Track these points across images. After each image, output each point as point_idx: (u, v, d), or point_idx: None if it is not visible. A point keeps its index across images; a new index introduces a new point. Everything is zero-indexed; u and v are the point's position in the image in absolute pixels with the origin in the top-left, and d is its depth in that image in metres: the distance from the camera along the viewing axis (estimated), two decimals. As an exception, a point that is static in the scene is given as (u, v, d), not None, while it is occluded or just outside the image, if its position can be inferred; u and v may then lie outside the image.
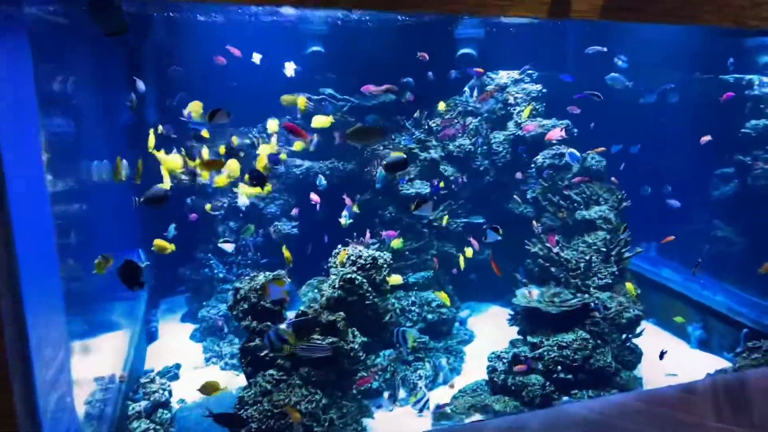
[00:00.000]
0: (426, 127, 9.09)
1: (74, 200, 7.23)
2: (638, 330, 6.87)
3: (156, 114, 9.23)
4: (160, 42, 8.90)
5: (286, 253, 6.42)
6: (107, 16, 3.19)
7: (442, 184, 8.55)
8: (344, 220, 5.96)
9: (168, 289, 9.81)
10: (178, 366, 7.39)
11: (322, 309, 5.49)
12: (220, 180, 6.69)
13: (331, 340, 5.33)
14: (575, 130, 8.68)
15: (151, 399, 6.11)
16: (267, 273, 5.86)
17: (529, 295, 6.85)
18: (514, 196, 8.77)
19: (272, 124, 7.44)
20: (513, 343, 7.02)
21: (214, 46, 8.48)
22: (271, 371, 5.37)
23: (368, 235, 7.24)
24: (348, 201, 7.01)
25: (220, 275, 8.76)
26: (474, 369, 7.48)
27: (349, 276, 5.65)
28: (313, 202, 7.59)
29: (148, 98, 7.59)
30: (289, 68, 7.15)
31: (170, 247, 5.89)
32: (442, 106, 8.06)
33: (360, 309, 5.77)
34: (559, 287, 7.15)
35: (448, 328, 7.86)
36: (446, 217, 7.99)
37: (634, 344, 6.89)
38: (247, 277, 5.97)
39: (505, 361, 6.58)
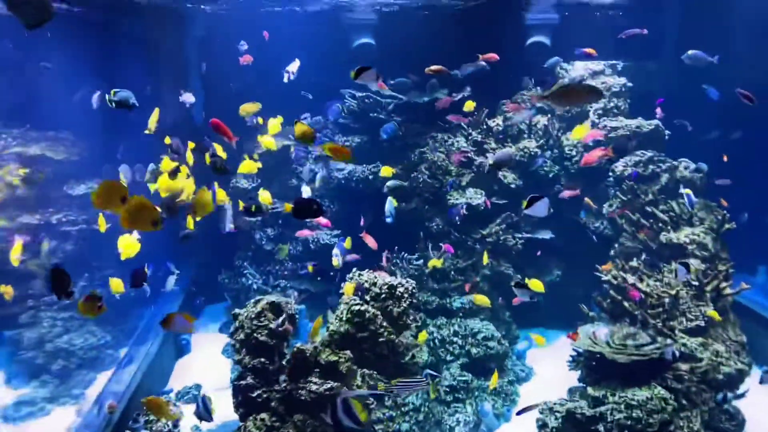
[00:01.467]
0: (485, 126, 7.92)
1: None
2: (741, 390, 5.36)
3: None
4: (189, 38, 8.47)
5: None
6: (26, 7, 2.62)
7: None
8: (337, 261, 5.04)
9: (211, 296, 9.44)
10: (198, 387, 6.85)
11: (323, 346, 4.61)
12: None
13: (329, 385, 4.44)
14: (667, 133, 7.15)
15: (153, 429, 5.56)
16: (272, 297, 5.07)
17: (594, 336, 5.55)
18: (586, 200, 7.31)
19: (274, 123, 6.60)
20: (572, 393, 5.77)
21: (249, 41, 7.90)
22: (263, 415, 4.58)
23: (385, 258, 6.26)
24: (369, 240, 6.03)
25: (255, 286, 8.17)
26: (528, 415, 6.28)
27: (357, 308, 4.73)
28: (321, 226, 6.67)
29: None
30: (292, 68, 6.31)
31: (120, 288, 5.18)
32: (470, 105, 6.88)
33: (372, 347, 4.83)
34: (635, 327, 5.77)
35: (498, 365, 6.69)
36: (485, 255, 6.79)
37: (735, 407, 5.39)
38: (251, 301, 5.22)
39: (558, 416, 5.35)
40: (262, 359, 4.70)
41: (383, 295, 4.89)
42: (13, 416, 6.26)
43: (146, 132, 5.62)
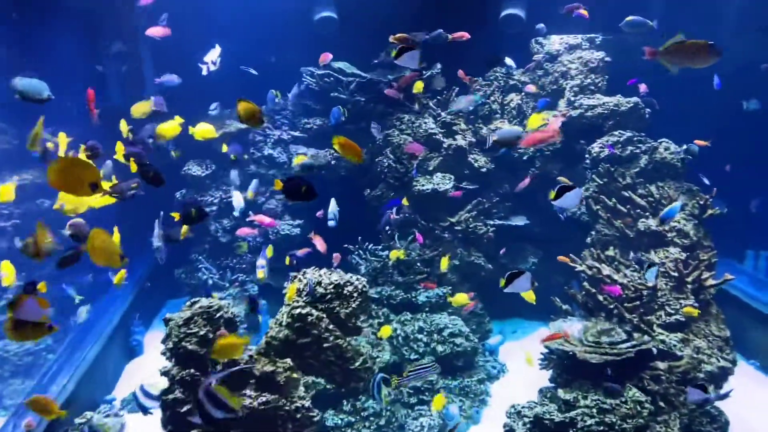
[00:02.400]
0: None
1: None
2: (724, 390, 4.94)
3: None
4: (134, 8, 7.79)
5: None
6: None
7: None
8: (262, 273, 4.49)
9: (173, 291, 8.88)
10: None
11: (259, 355, 4.12)
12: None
13: (265, 399, 3.96)
14: (647, 111, 6.65)
15: (82, 447, 5.07)
16: (205, 301, 4.55)
17: (565, 334, 5.09)
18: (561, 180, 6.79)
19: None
20: (542, 394, 5.33)
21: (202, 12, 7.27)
22: (193, 433, 4.10)
23: (337, 257, 5.74)
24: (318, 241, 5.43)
25: (210, 282, 7.64)
26: (498, 418, 5.87)
27: (298, 311, 4.23)
28: (247, 237, 5.99)
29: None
30: (211, 57, 5.63)
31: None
32: (419, 86, 6.25)
33: (317, 353, 4.35)
34: (611, 322, 5.33)
35: (466, 362, 6.25)
36: (445, 260, 6.17)
37: (718, 408, 4.97)
38: (187, 303, 4.70)
39: (526, 421, 4.92)
40: (192, 371, 4.21)
41: (329, 296, 4.39)
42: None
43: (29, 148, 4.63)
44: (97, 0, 7.57)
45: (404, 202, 6.11)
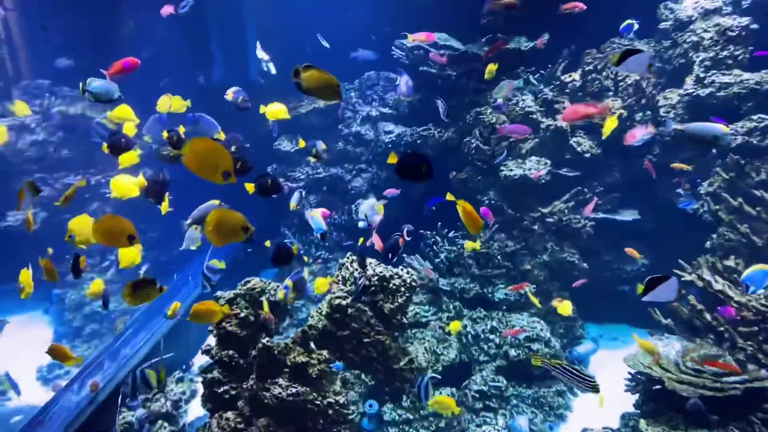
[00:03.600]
0: (557, 82, 6.56)
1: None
2: None
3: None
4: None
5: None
6: None
7: None
8: (283, 293, 4.22)
9: (266, 263, 9.15)
10: (221, 359, 6.55)
11: (294, 344, 3.93)
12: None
13: (295, 390, 3.77)
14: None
15: (151, 408, 5.33)
16: (255, 281, 4.47)
17: (656, 357, 4.29)
18: (676, 166, 5.64)
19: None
20: (624, 421, 4.60)
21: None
22: (229, 414, 4.06)
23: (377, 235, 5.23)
24: (376, 239, 4.92)
25: (294, 257, 7.68)
26: (571, 442, 5.23)
27: (337, 302, 3.96)
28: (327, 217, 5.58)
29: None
30: (263, 56, 5.41)
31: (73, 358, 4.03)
32: (492, 69, 5.27)
33: (357, 348, 4.06)
34: (720, 347, 4.40)
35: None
36: (531, 295, 5.29)
37: None
38: (241, 282, 4.66)
39: (600, 451, 4.26)
40: (230, 352, 4.15)
41: (373, 288, 4.06)
42: (46, 377, 6.41)
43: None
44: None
45: (449, 197, 5.48)
